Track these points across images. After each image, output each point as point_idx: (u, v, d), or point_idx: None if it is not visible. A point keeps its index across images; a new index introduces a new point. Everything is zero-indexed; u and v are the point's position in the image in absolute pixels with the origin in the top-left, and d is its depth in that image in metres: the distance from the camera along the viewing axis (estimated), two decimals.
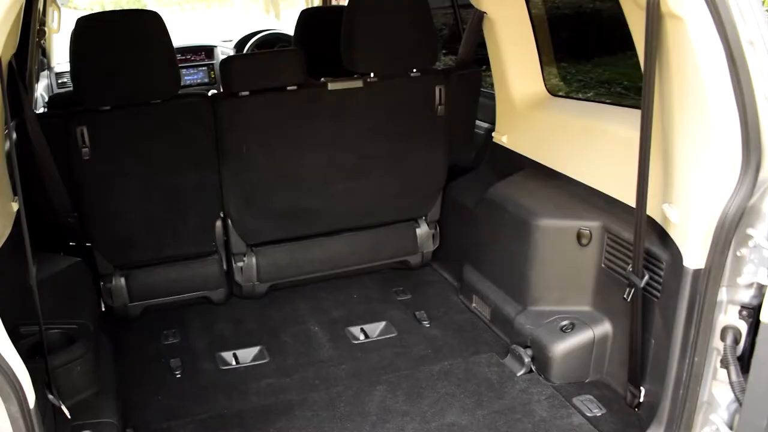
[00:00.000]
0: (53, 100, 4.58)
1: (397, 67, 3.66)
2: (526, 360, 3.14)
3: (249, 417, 2.94)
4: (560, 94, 3.98)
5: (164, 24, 3.19)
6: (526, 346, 3.19)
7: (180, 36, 6.33)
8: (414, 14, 3.58)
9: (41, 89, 5.42)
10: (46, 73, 5.68)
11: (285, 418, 2.92)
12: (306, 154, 3.63)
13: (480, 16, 3.65)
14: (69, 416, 2.20)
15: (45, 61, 5.62)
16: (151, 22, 3.17)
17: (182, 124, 3.38)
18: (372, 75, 3.60)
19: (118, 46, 3.13)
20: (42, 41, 4.54)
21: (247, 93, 3.42)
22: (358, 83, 3.59)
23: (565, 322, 3.11)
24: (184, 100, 3.40)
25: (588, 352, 3.03)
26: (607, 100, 4.52)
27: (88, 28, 3.10)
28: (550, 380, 3.06)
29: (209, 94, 3.89)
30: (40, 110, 4.80)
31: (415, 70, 3.69)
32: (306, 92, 3.53)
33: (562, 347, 3.04)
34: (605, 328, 3.02)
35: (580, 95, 5.13)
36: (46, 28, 4.63)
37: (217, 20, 11.61)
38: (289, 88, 3.48)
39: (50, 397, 2.09)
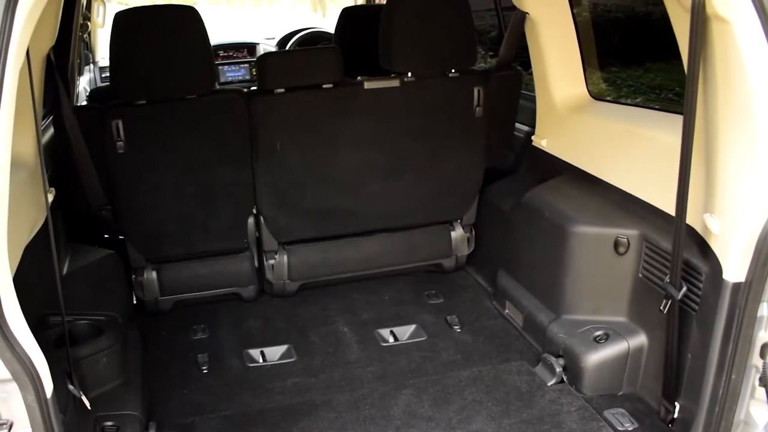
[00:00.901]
0: (94, 94, 4.64)
1: (436, 67, 3.60)
2: (558, 370, 3.06)
3: (273, 415, 2.92)
4: (608, 99, 3.88)
5: (201, 19, 3.19)
6: (558, 356, 3.11)
7: (225, 33, 6.39)
8: (454, 14, 3.52)
9: (85, 83, 5.51)
10: (90, 67, 5.76)
11: (308, 418, 2.89)
12: (340, 153, 3.60)
13: (522, 16, 3.57)
14: (89, 407, 2.20)
15: (89, 55, 5.72)
16: (188, 18, 3.17)
17: (217, 120, 3.38)
18: (409, 75, 3.55)
19: (155, 40, 3.13)
20: (85, 35, 4.61)
21: (282, 90, 3.40)
22: (395, 83, 3.54)
23: (599, 333, 3.02)
24: (219, 96, 3.39)
25: (622, 364, 2.94)
26: (654, 106, 4.40)
27: (125, 23, 3.12)
28: (581, 391, 2.98)
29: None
30: (83, 104, 4.87)
31: (453, 71, 3.63)
32: (342, 90, 3.50)
33: (595, 358, 2.95)
34: (641, 340, 2.92)
35: (629, 100, 5.02)
36: (89, 23, 4.69)
37: (265, 18, 11.66)
38: (324, 86, 3.45)
39: (70, 387, 2.10)
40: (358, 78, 3.56)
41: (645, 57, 5.47)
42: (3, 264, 1.69)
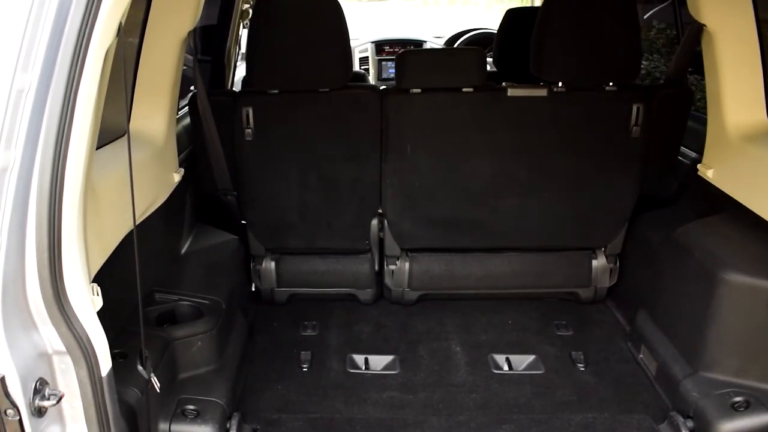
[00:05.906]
0: (245, 80, 4.74)
1: (590, 78, 3.27)
2: None
3: (359, 427, 2.80)
4: None
5: (342, 12, 3.10)
6: (687, 416, 2.72)
7: (398, 29, 6.34)
8: (618, 21, 3.18)
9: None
10: None
11: None
12: (476, 162, 3.38)
13: (698, 28, 3.16)
14: (158, 389, 2.19)
15: None
16: (328, 10, 3.10)
17: (348, 115, 3.30)
18: (560, 84, 3.26)
19: (293, 30, 3.10)
20: (244, 23, 4.73)
21: (418, 90, 3.24)
22: (543, 92, 3.27)
23: (739, 398, 2.62)
24: (352, 91, 3.30)
25: None
26: None
27: (265, 10, 3.12)
28: None
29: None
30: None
31: (611, 84, 3.28)
32: (482, 96, 3.27)
33: (730, 427, 2.56)
34: None
35: None
36: (252, 10, 4.79)
37: (457, 17, 11.58)
38: (464, 89, 3.25)
39: (139, 368, 2.09)
40: (503, 84, 3.33)
41: None
42: (72, 240, 1.68)
